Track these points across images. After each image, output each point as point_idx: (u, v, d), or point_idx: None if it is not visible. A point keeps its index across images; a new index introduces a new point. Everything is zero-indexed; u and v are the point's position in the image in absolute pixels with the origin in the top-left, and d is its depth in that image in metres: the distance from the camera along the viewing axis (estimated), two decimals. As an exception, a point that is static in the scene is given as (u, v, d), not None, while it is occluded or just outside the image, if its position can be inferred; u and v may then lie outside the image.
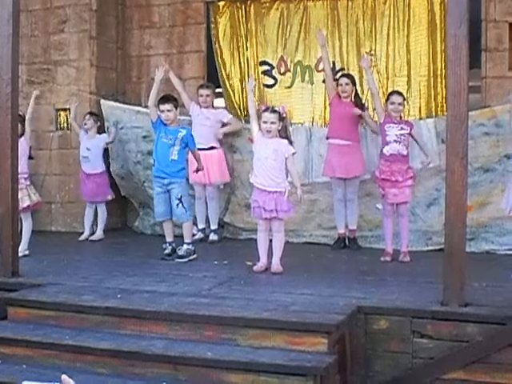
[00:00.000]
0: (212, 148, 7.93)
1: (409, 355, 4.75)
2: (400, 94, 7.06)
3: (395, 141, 6.84)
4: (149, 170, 7.99)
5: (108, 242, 8.16)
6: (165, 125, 6.92)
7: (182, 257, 6.83)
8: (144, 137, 8.45)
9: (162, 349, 4.53)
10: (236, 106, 8.94)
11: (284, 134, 6.28)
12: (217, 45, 9.07)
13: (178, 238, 6.98)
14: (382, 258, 6.82)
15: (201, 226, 8.11)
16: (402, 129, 6.87)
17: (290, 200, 6.21)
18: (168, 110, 6.88)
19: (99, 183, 8.30)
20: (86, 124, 8.36)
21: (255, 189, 6.27)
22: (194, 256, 6.87)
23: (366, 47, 8.40)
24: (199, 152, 7.26)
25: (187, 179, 7.25)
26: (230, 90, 8.99)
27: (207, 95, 8.02)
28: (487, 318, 4.60)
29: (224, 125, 8.10)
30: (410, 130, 6.91)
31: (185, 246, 6.88)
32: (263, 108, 6.42)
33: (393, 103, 6.91)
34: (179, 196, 6.84)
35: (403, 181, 6.80)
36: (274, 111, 6.24)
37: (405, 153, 6.86)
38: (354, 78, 7.71)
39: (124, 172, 8.82)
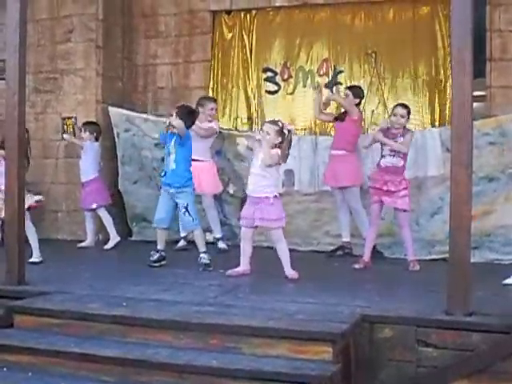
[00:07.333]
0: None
1: (413, 364, 4.75)
2: (404, 106, 7.03)
3: (389, 155, 6.86)
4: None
5: (113, 250, 8.20)
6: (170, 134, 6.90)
7: (209, 265, 6.81)
8: (156, 145, 8.49)
9: (168, 357, 4.54)
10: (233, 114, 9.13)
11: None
12: (220, 54, 9.17)
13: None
14: (356, 265, 6.86)
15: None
16: (397, 142, 6.87)
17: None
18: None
19: (92, 190, 8.28)
20: (82, 138, 8.34)
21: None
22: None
23: (368, 50, 8.57)
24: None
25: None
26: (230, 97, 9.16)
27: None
28: (492, 327, 4.59)
29: None
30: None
31: (206, 255, 6.88)
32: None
33: (395, 115, 6.89)
34: (185, 204, 6.84)
35: (396, 191, 6.79)
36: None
37: (399, 165, 6.85)
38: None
39: (141, 175, 8.83)
